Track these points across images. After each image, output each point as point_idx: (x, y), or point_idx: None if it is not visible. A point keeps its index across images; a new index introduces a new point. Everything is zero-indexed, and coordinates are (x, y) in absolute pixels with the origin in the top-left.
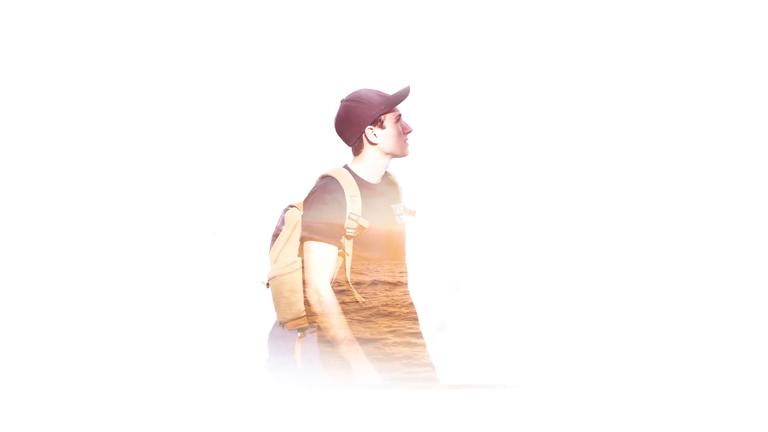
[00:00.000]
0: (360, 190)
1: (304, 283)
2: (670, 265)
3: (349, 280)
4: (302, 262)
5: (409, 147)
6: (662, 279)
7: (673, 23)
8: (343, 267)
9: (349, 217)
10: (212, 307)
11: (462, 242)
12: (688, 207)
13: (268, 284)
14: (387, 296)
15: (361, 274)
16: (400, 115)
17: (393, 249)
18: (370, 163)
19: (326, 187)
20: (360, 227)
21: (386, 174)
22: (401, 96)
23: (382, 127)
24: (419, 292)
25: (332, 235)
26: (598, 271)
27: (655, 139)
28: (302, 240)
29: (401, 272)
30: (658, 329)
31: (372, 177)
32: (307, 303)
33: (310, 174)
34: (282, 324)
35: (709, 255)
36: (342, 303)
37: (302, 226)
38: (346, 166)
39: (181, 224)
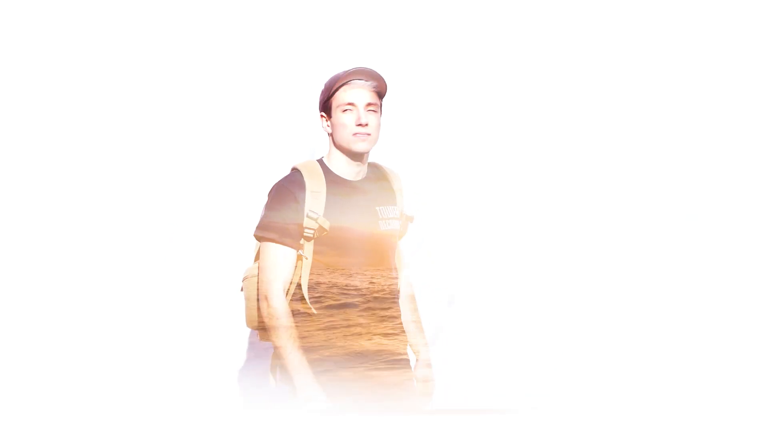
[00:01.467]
0: (329, 186)
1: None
2: (680, 282)
3: (305, 289)
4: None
5: (362, 143)
6: (672, 297)
7: (676, 22)
8: (299, 273)
9: (307, 216)
10: (187, 310)
11: (463, 249)
12: (698, 214)
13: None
14: (355, 312)
15: (322, 282)
16: (351, 104)
17: (373, 257)
18: (337, 157)
19: (286, 180)
20: (320, 228)
21: (376, 171)
22: (336, 79)
23: (329, 116)
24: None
25: (287, 235)
26: (607, 283)
27: (659, 147)
28: (257, 239)
29: (385, 284)
30: (671, 350)
31: (345, 172)
32: (258, 310)
33: (280, 170)
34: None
35: (722, 275)
36: (298, 314)
37: (258, 223)
38: (321, 159)
39: (89, 235)
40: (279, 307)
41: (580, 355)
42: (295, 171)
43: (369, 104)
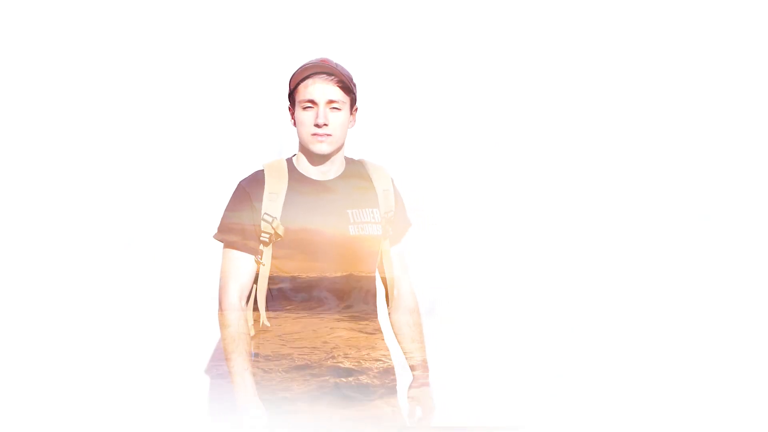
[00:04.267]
0: (292, 186)
1: None
2: (678, 292)
3: (261, 297)
4: None
5: (320, 145)
6: (669, 312)
7: (676, 21)
8: (256, 280)
9: (263, 219)
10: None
11: (455, 255)
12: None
13: None
14: (318, 323)
15: (284, 290)
16: (311, 101)
17: (341, 264)
18: (302, 155)
19: (246, 179)
20: (275, 233)
21: (356, 169)
22: (298, 71)
23: (292, 109)
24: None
25: (244, 238)
26: (604, 288)
27: (656, 148)
28: (216, 240)
29: (356, 295)
30: (667, 363)
31: (311, 171)
32: None
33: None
34: None
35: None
36: (255, 323)
37: (218, 224)
38: (291, 157)
39: (93, 234)
40: (228, 314)
41: (572, 369)
42: (260, 170)
43: (331, 101)
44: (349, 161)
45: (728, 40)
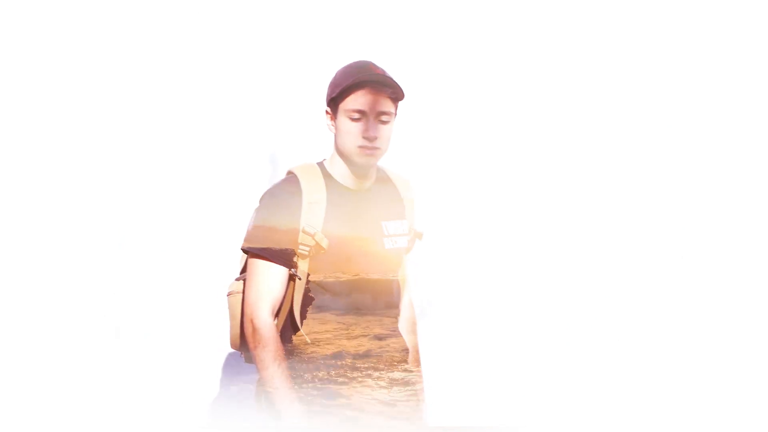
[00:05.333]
0: (329, 195)
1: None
2: (678, 295)
3: (297, 314)
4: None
5: (368, 158)
6: (663, 312)
7: (681, 23)
8: (291, 295)
9: (303, 231)
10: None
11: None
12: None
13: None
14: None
15: (318, 306)
16: (361, 111)
17: (375, 278)
18: (339, 163)
19: (280, 186)
20: (317, 246)
21: (383, 178)
22: (346, 78)
23: (334, 115)
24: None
25: (279, 251)
26: (602, 292)
27: (653, 165)
28: (244, 252)
29: (388, 315)
30: (671, 366)
31: (347, 179)
32: (242, 333)
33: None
34: (242, 354)
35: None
36: (288, 340)
37: (246, 234)
38: (322, 162)
39: (86, 235)
40: (265, 331)
41: (572, 369)
42: (291, 176)
43: (382, 113)
44: (375, 170)
45: (717, 58)
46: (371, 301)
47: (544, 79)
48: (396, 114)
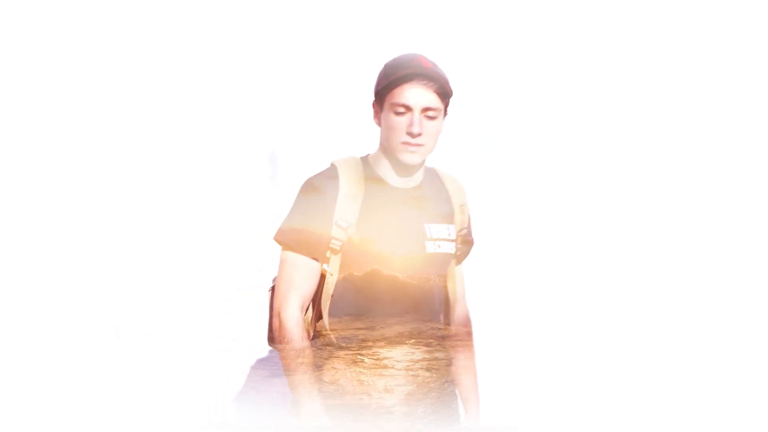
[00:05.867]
0: (368, 190)
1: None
2: (671, 296)
3: (325, 312)
4: None
5: (411, 155)
6: (663, 311)
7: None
8: (320, 291)
9: (336, 224)
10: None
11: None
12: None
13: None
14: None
15: (350, 305)
16: (406, 106)
17: (413, 283)
18: (383, 158)
19: (318, 177)
20: (349, 240)
21: (434, 179)
22: (393, 70)
23: (380, 110)
24: None
25: (310, 244)
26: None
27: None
28: (276, 243)
29: (426, 323)
30: (670, 367)
31: (390, 176)
32: (270, 328)
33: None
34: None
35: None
36: (317, 337)
37: (280, 224)
38: (366, 156)
39: (86, 235)
40: (291, 326)
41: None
42: (331, 167)
43: (427, 109)
44: (425, 169)
45: (716, 53)
46: (406, 305)
47: (545, 79)
48: (446, 111)
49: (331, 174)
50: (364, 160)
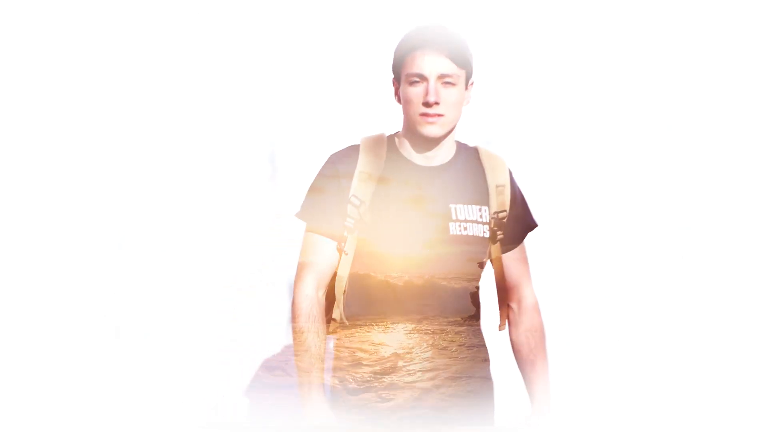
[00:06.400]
0: (389, 167)
1: None
2: (671, 296)
3: (339, 292)
4: None
5: (430, 126)
6: (663, 312)
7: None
8: (336, 271)
9: (350, 202)
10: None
11: None
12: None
13: None
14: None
15: (369, 286)
16: (420, 75)
17: (435, 267)
18: (405, 135)
19: (338, 153)
20: (362, 219)
21: (469, 157)
22: (406, 40)
23: (397, 84)
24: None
25: (324, 220)
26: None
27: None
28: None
29: (453, 307)
30: (670, 367)
31: (412, 154)
32: None
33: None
34: None
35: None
36: (333, 322)
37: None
38: (395, 133)
39: (86, 235)
40: (301, 302)
41: (571, 369)
42: (354, 145)
43: (443, 76)
44: (460, 147)
45: (716, 53)
46: (424, 293)
47: (546, 79)
48: (468, 78)
49: (351, 150)
50: (390, 138)
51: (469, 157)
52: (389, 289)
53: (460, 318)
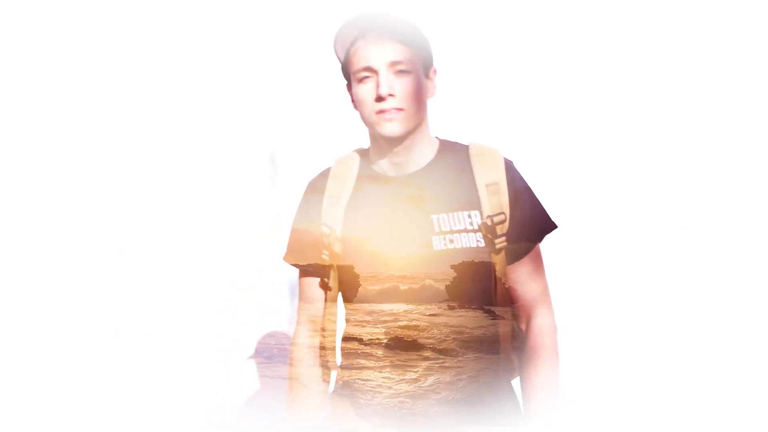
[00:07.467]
0: (357, 186)
1: None
2: (670, 296)
3: (320, 329)
4: None
5: (390, 124)
6: (663, 312)
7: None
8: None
9: (321, 232)
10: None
11: None
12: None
13: None
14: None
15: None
16: (368, 68)
17: (422, 292)
18: (372, 145)
19: (310, 182)
20: (339, 245)
21: (453, 157)
22: (344, 34)
23: (350, 86)
24: None
25: (303, 260)
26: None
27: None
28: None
29: (441, 333)
30: (670, 368)
31: (382, 165)
32: None
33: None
34: None
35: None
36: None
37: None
38: (367, 149)
39: (86, 235)
40: (295, 351)
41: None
42: (327, 168)
43: (395, 63)
44: (446, 147)
45: (716, 53)
46: (406, 346)
47: (547, 79)
48: (428, 64)
49: (322, 174)
50: (364, 153)
51: (456, 156)
52: (366, 324)
53: (464, 353)
